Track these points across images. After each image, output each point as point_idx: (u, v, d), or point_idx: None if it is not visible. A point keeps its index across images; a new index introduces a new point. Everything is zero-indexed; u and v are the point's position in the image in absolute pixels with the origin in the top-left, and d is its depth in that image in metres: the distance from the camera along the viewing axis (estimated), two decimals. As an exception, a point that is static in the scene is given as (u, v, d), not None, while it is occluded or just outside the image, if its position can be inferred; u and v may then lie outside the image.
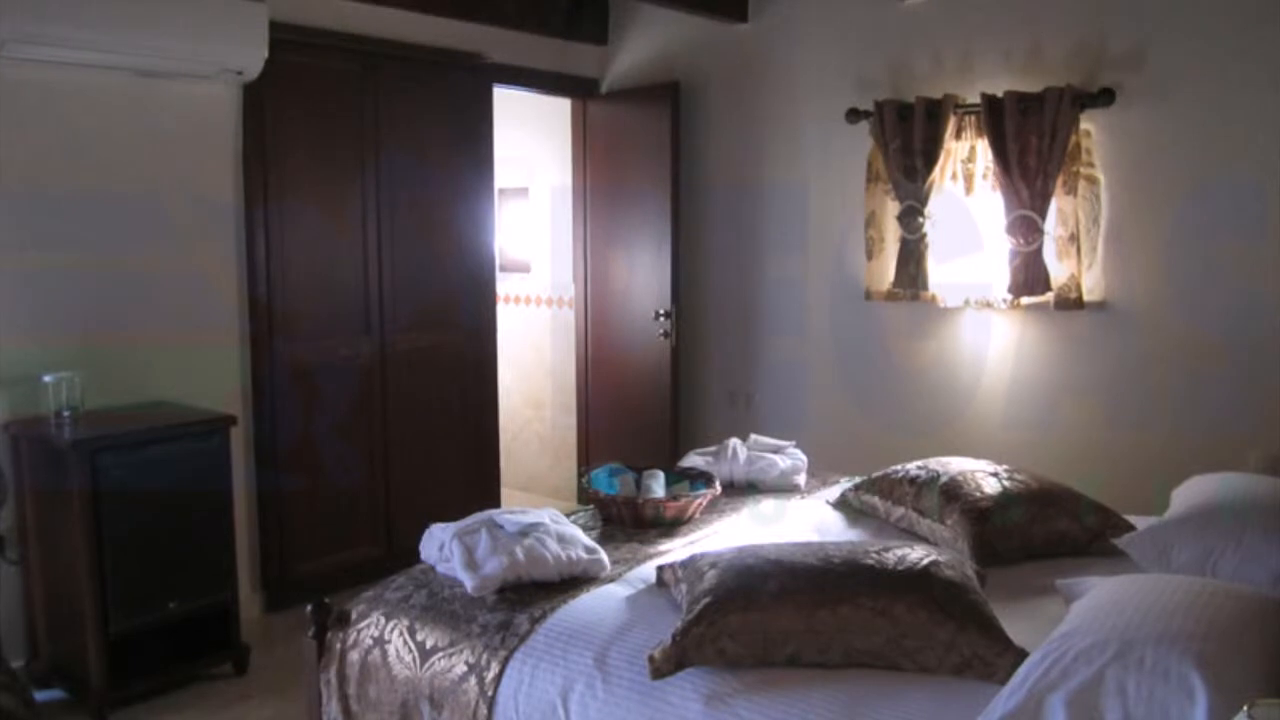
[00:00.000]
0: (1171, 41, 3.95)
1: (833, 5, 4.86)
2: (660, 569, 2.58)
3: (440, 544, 2.73)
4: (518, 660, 2.31)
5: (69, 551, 3.38)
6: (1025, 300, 4.29)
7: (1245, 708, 1.41)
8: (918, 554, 2.33)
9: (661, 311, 5.35)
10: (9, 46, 3.31)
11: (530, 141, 6.12)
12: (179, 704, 3.54)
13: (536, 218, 6.21)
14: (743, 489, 3.52)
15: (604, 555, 2.70)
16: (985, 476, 3.01)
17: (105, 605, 3.37)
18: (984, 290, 4.43)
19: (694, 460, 3.63)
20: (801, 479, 3.59)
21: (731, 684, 2.11)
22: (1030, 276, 4.21)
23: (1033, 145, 4.13)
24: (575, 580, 2.61)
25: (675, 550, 2.87)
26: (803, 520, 3.19)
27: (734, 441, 3.68)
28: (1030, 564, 2.78)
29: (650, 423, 5.43)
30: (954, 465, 3.13)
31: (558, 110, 5.78)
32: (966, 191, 4.43)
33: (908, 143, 4.48)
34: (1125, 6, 4.04)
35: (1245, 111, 3.83)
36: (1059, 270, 4.20)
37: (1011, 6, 4.32)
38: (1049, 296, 4.22)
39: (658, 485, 3.27)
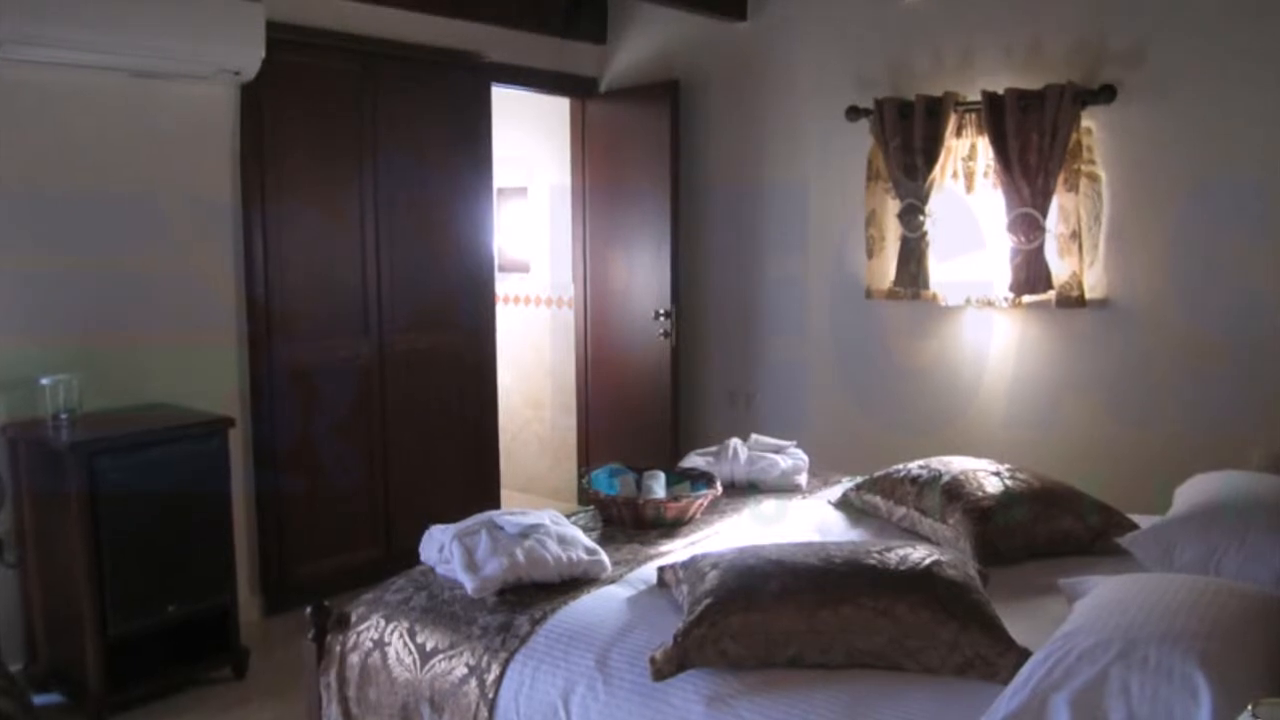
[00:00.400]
0: (1172, 38, 3.93)
1: (832, 3, 4.84)
2: (661, 570, 2.57)
3: (440, 545, 2.71)
4: (518, 662, 2.30)
5: (67, 554, 3.36)
6: (1027, 298, 4.27)
7: (1249, 707, 1.41)
8: (920, 554, 2.32)
9: (661, 311, 5.33)
10: (5, 47, 3.29)
11: (529, 141, 6.09)
12: (178, 708, 3.53)
13: (535, 217, 6.19)
14: (744, 489, 3.51)
15: (605, 556, 2.69)
16: (987, 476, 3.00)
17: (104, 608, 3.35)
18: (985, 289, 4.41)
19: (695, 460, 3.62)
20: (803, 479, 3.58)
21: (733, 685, 2.10)
22: (1032, 275, 4.19)
23: (1034, 143, 4.11)
24: (576, 581, 2.60)
25: (676, 551, 2.86)
26: (804, 520, 3.18)
27: (735, 441, 3.67)
28: (1033, 563, 2.77)
29: (650, 423, 5.40)
30: (956, 464, 3.12)
31: (556, 109, 5.76)
32: (967, 189, 4.41)
33: (908, 141, 4.46)
34: (1126, 3, 4.02)
35: (1247, 108, 3.81)
36: (1060, 268, 4.18)
37: (1012, 3, 4.30)
38: (1050, 295, 4.20)
39: (658, 486, 3.26)
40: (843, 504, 3.31)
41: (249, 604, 4.15)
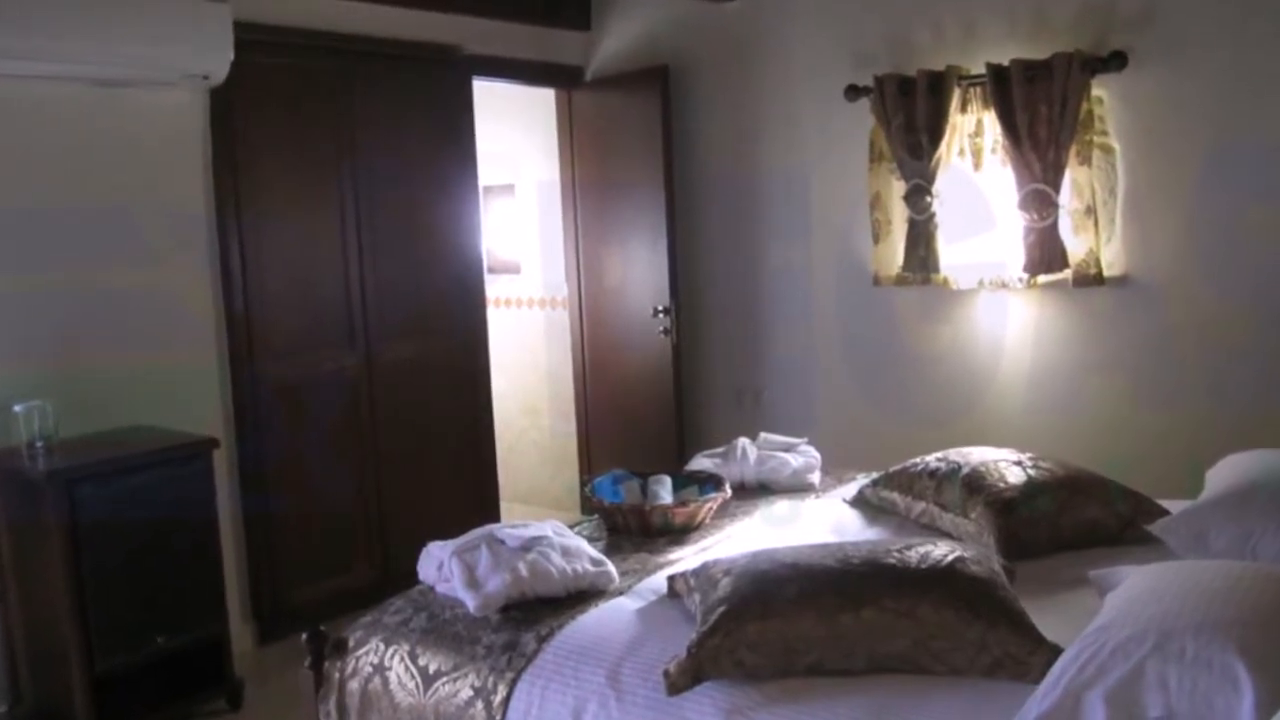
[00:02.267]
0: (1183, -1, 3.86)
1: (824, -22, 4.76)
2: (671, 579, 2.55)
3: (439, 563, 2.67)
4: (526, 682, 2.27)
5: (49, 588, 3.30)
6: (1042, 278, 4.19)
7: None
8: (941, 550, 2.28)
9: (660, 308, 5.24)
10: (-39, 61, 3.21)
11: (514, 136, 6.01)
12: (172, 743, 3.47)
13: (524, 216, 6.12)
14: (754, 491, 3.46)
15: (611, 567, 2.66)
16: (1009, 465, 2.97)
17: (89, 643, 3.28)
18: (998, 270, 4.33)
19: (702, 463, 3.57)
20: (816, 477, 3.53)
21: (752, 696, 2.06)
22: (1046, 253, 4.10)
23: (1042, 115, 4.02)
24: (582, 595, 2.57)
25: (686, 558, 2.82)
26: (819, 520, 3.15)
27: (743, 441, 3.61)
28: (1060, 555, 2.73)
29: (654, 425, 5.33)
30: (975, 455, 3.08)
31: (542, 101, 5.68)
32: (975, 167, 4.33)
33: (911, 119, 4.36)
34: (1133, -35, 3.94)
35: (1265, 69, 3.72)
36: (1076, 245, 4.10)
37: (1013, -30, 4.22)
38: (1067, 273, 4.12)
39: (665, 491, 3.22)
40: (859, 502, 3.27)
41: (241, 632, 4.07)
